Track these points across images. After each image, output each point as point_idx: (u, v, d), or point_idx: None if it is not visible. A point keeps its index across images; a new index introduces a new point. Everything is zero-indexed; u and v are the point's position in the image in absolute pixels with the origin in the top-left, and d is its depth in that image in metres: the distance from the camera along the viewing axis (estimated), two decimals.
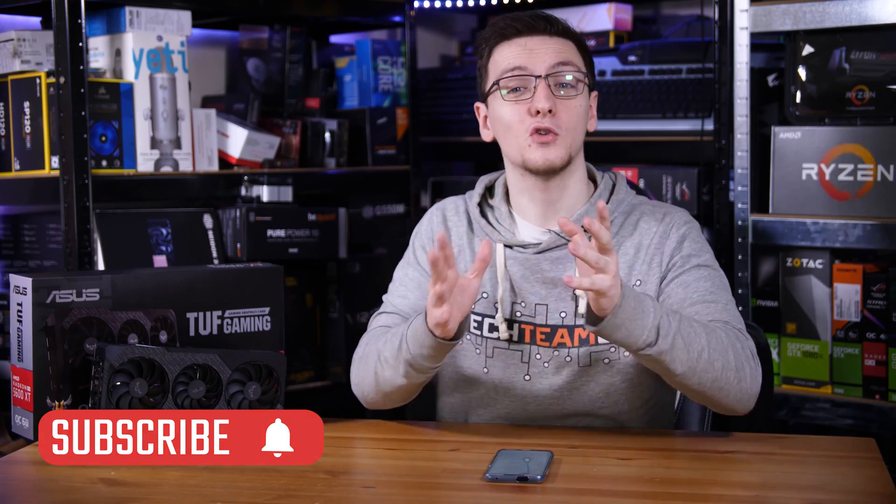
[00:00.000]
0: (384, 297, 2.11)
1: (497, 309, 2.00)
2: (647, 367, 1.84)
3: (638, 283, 1.97)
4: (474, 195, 2.09)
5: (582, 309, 1.97)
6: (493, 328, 2.01)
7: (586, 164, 2.07)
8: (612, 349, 1.97)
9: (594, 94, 2.04)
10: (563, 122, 1.94)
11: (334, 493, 1.67)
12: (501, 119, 1.98)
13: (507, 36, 1.99)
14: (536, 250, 1.99)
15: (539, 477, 1.64)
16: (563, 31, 2.00)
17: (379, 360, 1.93)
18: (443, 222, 2.10)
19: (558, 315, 1.98)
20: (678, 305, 1.93)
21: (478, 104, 2.07)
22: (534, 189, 2.00)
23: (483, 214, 2.07)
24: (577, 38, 2.01)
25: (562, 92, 1.95)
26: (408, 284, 2.09)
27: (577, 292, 1.96)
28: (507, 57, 1.98)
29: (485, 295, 2.02)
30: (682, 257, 1.96)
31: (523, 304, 2.00)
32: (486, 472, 1.67)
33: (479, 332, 2.02)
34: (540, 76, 1.94)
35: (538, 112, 1.93)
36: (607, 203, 2.01)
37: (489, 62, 2.01)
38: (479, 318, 2.02)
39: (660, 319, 1.76)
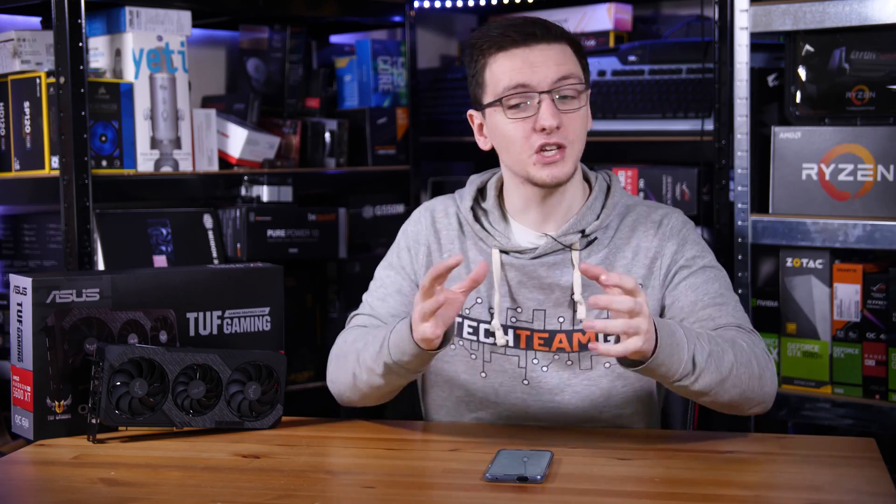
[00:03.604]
0: (364, 297, 2.09)
1: (492, 315, 2.00)
2: (674, 391, 1.84)
3: (642, 286, 1.94)
4: (466, 197, 2.05)
5: (581, 315, 1.95)
6: (489, 333, 2.00)
7: (580, 164, 2.06)
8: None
9: (589, 91, 2.00)
10: (570, 135, 1.91)
11: (334, 493, 1.67)
12: (505, 135, 1.93)
13: (503, 46, 1.92)
14: (533, 255, 1.97)
15: (539, 477, 1.64)
16: (560, 35, 1.94)
17: (358, 363, 1.91)
18: (432, 225, 2.07)
19: (556, 320, 1.97)
20: (689, 309, 1.94)
21: (471, 112, 2.02)
22: (533, 197, 1.98)
23: (476, 218, 2.04)
24: (573, 40, 1.97)
25: (564, 105, 1.91)
26: (388, 287, 2.06)
27: (576, 297, 1.96)
28: (506, 71, 1.91)
29: (479, 300, 2.01)
30: (686, 259, 1.97)
31: (520, 310, 1.99)
32: (486, 472, 1.67)
33: (474, 338, 2.01)
34: (544, 92, 1.89)
35: (543, 129, 1.89)
36: (603, 207, 1.99)
37: (485, 73, 1.95)
38: (474, 324, 2.01)
39: (693, 349, 1.76)
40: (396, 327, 1.85)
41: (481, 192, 2.06)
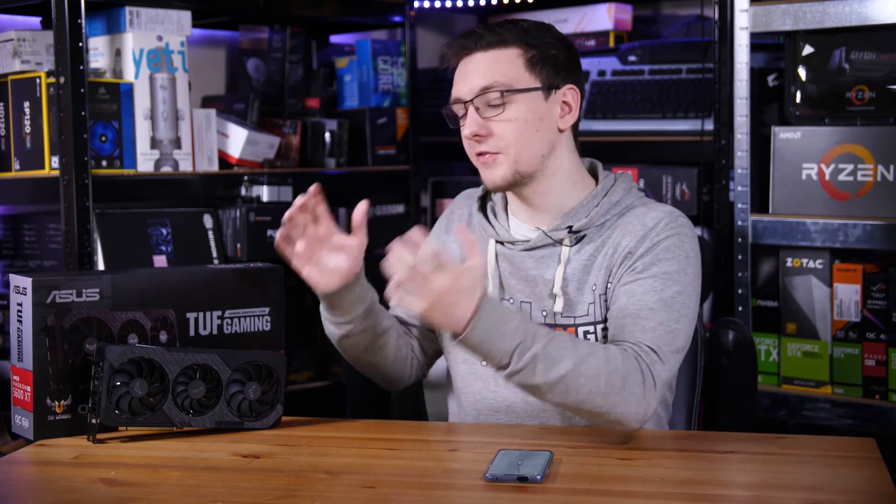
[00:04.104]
0: None
1: None
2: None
3: (611, 285, 1.95)
4: (479, 189, 2.13)
5: (557, 308, 1.98)
6: None
7: (592, 162, 2.08)
8: None
9: (565, 89, 1.98)
10: (500, 141, 1.95)
11: (334, 493, 1.67)
12: None
13: (449, 61, 2.01)
14: (523, 247, 2.00)
15: (539, 477, 1.64)
16: (494, 42, 1.96)
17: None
18: (448, 216, 2.17)
19: (540, 314, 1.99)
20: (616, 314, 1.91)
21: None
22: (516, 195, 2.03)
23: (482, 209, 2.10)
24: (519, 41, 1.96)
25: (490, 113, 1.95)
26: None
27: (555, 290, 1.97)
28: (453, 85, 2.01)
29: None
30: (643, 263, 1.92)
31: (511, 301, 2.02)
32: (486, 472, 1.67)
33: None
34: (468, 102, 1.96)
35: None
36: (597, 205, 1.99)
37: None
38: None
39: (517, 346, 1.76)
40: None
41: None
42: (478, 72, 1.96)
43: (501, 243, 2.03)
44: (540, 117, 1.96)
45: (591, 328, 1.97)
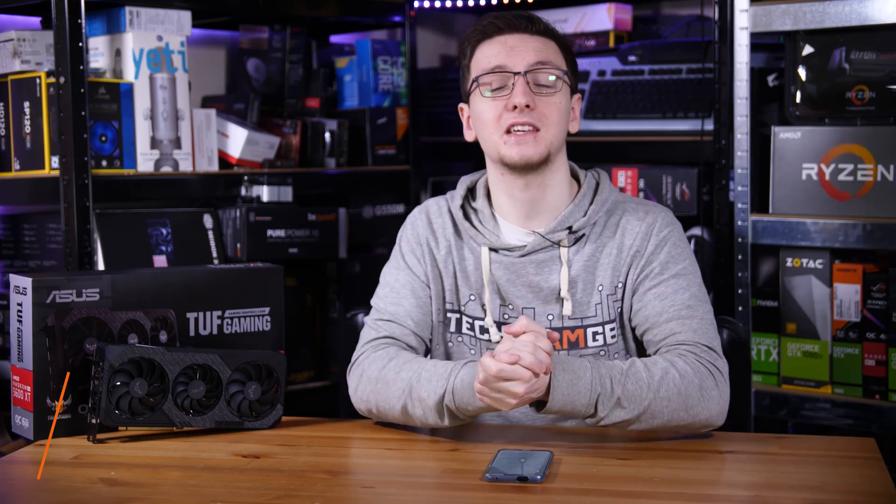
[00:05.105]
0: (374, 303, 2.08)
1: (485, 312, 2.01)
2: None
3: (620, 285, 1.98)
4: (456, 196, 2.08)
5: (566, 311, 1.97)
6: (483, 330, 2.01)
7: (570, 163, 2.08)
8: (602, 353, 1.97)
9: (577, 96, 2.05)
10: (543, 117, 1.94)
11: (334, 493, 1.67)
12: (480, 116, 1.98)
13: (488, 34, 2.00)
14: (521, 253, 1.99)
15: (539, 477, 1.64)
16: (544, 30, 2.00)
17: (411, 398, 1.88)
18: (428, 225, 2.09)
19: (546, 318, 1.98)
20: (654, 320, 1.94)
21: (461, 105, 2.07)
22: (514, 188, 2.00)
23: (466, 216, 2.06)
24: (560, 39, 2.02)
25: (541, 89, 1.95)
26: (400, 291, 2.06)
27: (563, 294, 1.97)
28: (487, 55, 1.98)
29: (472, 297, 2.03)
30: (660, 263, 1.96)
31: (511, 307, 2.00)
32: (486, 472, 1.67)
33: (472, 334, 2.03)
34: (519, 73, 1.94)
35: (515, 107, 1.93)
36: (591, 204, 2.01)
37: (471, 61, 2.01)
38: (470, 320, 2.03)
39: (597, 398, 1.80)
40: (460, 375, 1.84)
41: (472, 192, 2.09)
42: (532, 49, 1.97)
43: (495, 251, 2.01)
44: (566, 110, 2.00)
45: (599, 329, 1.98)
